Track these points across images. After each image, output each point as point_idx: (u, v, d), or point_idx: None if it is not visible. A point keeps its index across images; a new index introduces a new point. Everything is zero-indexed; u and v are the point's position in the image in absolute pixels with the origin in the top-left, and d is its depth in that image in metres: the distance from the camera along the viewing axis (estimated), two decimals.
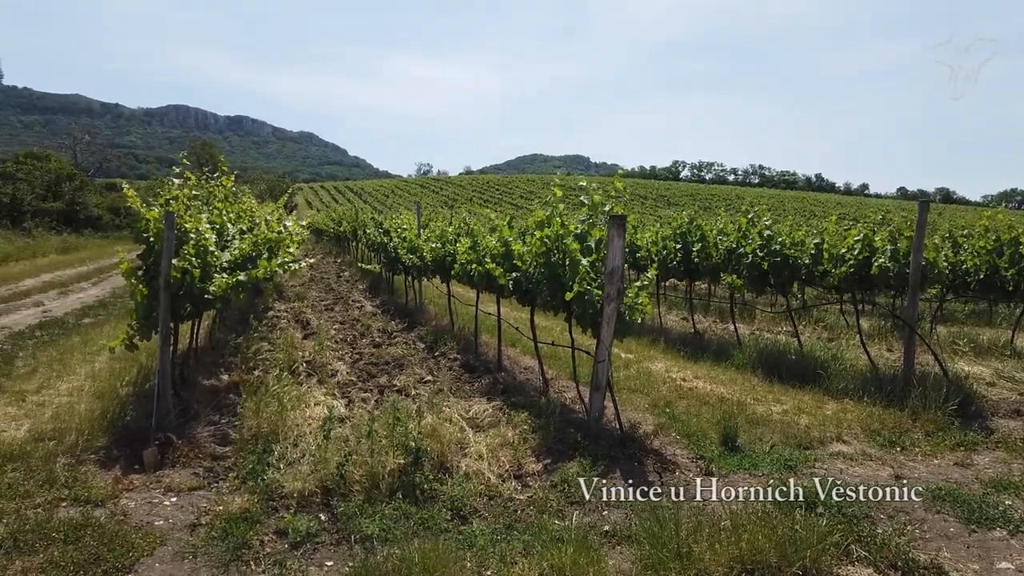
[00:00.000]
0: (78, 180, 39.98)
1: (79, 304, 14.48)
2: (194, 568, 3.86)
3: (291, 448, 5.46)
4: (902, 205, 64.42)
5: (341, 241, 29.18)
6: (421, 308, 13.12)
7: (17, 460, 5.18)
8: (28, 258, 23.41)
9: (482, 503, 4.72)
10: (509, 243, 7.45)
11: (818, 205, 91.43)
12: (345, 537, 4.21)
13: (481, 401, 7.05)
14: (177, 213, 5.98)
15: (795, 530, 4.03)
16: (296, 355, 8.79)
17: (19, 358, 8.86)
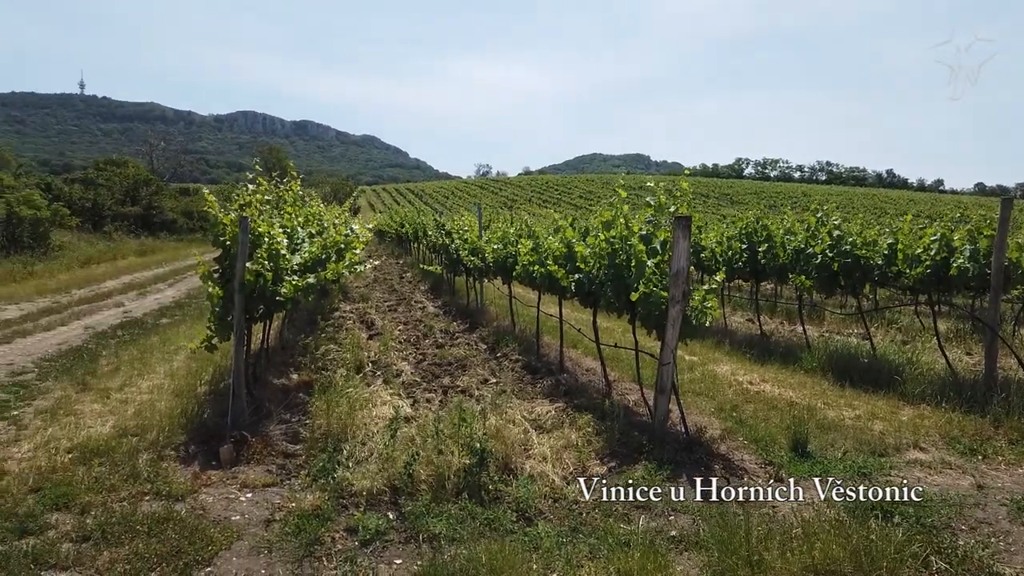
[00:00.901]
0: (154, 185, 41.70)
1: (156, 305, 15.10)
2: (269, 563, 3.98)
3: (359, 447, 5.58)
4: (980, 202, 61.62)
5: (403, 242, 29.63)
6: (482, 309, 13.21)
7: (103, 455, 5.44)
8: (109, 260, 24.54)
9: (547, 505, 4.73)
10: (572, 244, 7.44)
11: (889, 202, 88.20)
12: (413, 536, 4.28)
13: (544, 402, 7.07)
14: (251, 218, 6.18)
15: (871, 540, 3.91)
16: (362, 355, 8.97)
17: (103, 357, 9.31)
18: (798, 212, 12.36)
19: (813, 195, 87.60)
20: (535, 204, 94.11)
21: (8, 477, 5.01)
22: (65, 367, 8.72)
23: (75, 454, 5.46)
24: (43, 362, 9.06)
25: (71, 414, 6.52)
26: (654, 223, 6.33)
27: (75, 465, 5.25)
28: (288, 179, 8.44)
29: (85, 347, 10.07)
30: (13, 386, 7.81)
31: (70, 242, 25.82)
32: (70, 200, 31.27)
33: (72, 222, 27.92)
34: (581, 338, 9.73)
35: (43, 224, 23.19)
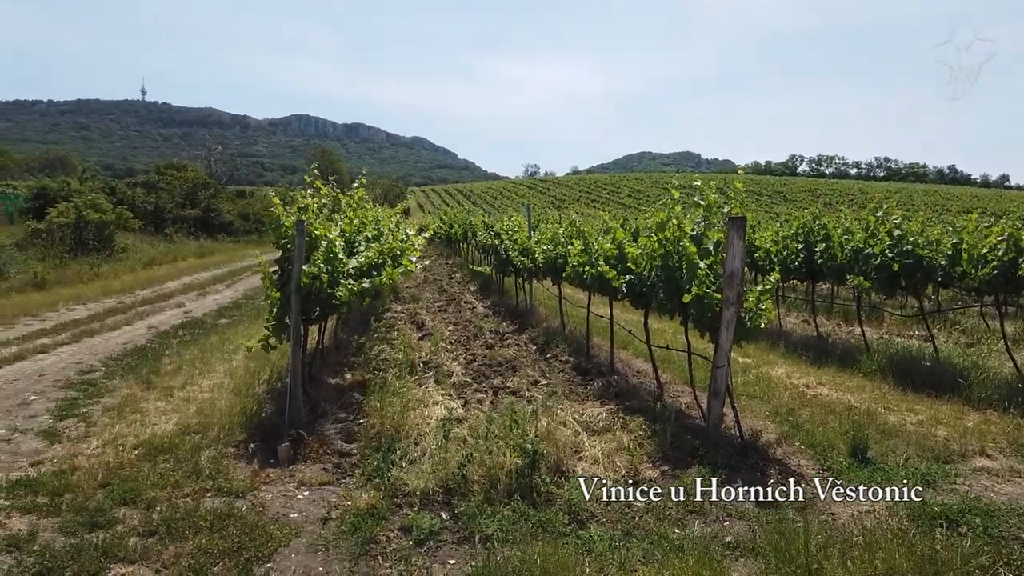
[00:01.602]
0: (212, 188, 42.87)
1: (215, 305, 15.54)
2: (327, 560, 4.07)
3: (412, 447, 5.65)
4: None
5: (452, 243, 29.84)
6: (531, 309, 13.23)
7: (167, 452, 5.63)
8: (170, 262, 25.34)
9: (599, 508, 4.71)
10: (623, 245, 7.39)
11: (951, 199, 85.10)
12: (466, 536, 4.32)
13: (594, 404, 7.04)
14: (308, 221, 6.31)
15: (936, 550, 3.80)
16: (413, 356, 9.06)
17: (166, 356, 9.62)
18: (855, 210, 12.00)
19: (871, 192, 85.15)
20: (583, 204, 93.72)
21: (79, 472, 5.23)
22: (130, 366, 9.05)
23: (141, 450, 5.66)
24: (110, 361, 9.42)
25: (137, 412, 6.76)
26: (706, 223, 6.25)
27: (141, 461, 5.44)
28: (356, 184, 8.61)
29: (149, 346, 10.42)
30: (82, 384, 8.13)
31: (133, 244, 26.74)
32: (133, 203, 32.38)
33: (135, 225, 28.90)
34: (631, 339, 9.67)
35: (108, 227, 24.06)
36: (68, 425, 6.56)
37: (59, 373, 8.64)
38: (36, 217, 26.14)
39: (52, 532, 4.34)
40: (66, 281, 18.05)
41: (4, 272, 17.35)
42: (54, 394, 7.69)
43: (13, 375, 8.49)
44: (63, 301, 14.85)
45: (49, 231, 22.27)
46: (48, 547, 4.12)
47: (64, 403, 7.31)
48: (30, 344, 10.26)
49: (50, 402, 7.37)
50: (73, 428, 6.46)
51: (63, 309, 13.98)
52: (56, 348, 10.12)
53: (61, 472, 5.25)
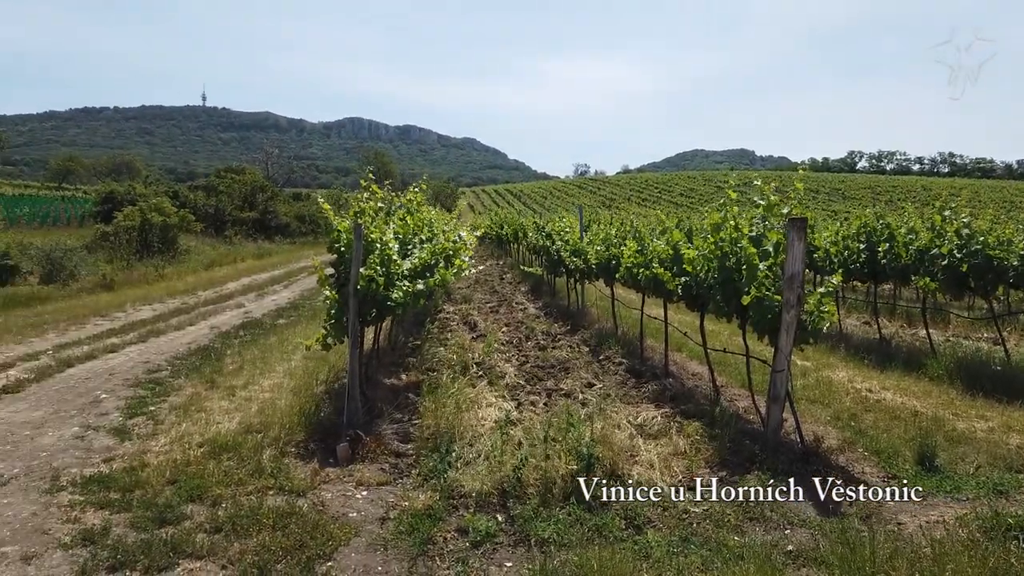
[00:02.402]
0: (270, 191, 43.98)
1: (274, 306, 15.92)
2: (386, 560, 4.12)
3: (467, 448, 5.69)
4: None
5: (502, 244, 29.94)
6: (583, 311, 13.17)
7: (231, 450, 5.79)
8: (230, 263, 26.07)
9: (656, 513, 4.66)
10: (678, 247, 7.30)
11: (1020, 195, 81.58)
12: (522, 539, 4.33)
13: (649, 408, 6.98)
14: (364, 225, 6.41)
15: (1010, 563, 3.65)
16: (467, 357, 9.12)
17: (228, 356, 9.90)
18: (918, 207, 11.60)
19: (935, 189, 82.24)
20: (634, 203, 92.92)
21: (148, 469, 5.42)
22: (194, 365, 9.34)
23: (206, 448, 5.84)
24: (175, 360, 9.74)
25: (201, 410, 6.97)
26: (765, 224, 6.12)
27: (206, 459, 5.61)
28: (412, 187, 8.73)
29: (211, 346, 10.74)
30: (150, 383, 8.43)
31: (195, 246, 27.59)
32: (195, 206, 33.43)
33: (197, 227, 29.84)
34: (686, 341, 9.54)
35: (172, 230, 24.91)
36: (137, 423, 6.81)
37: (128, 372, 8.97)
38: (104, 220, 27.24)
39: (124, 527, 4.51)
40: (132, 282, 18.74)
41: (75, 274, 18.10)
42: (123, 392, 7.99)
43: (85, 373, 8.85)
44: (130, 302, 15.42)
45: (116, 234, 23.15)
46: (120, 541, 4.28)
47: (133, 401, 7.59)
48: (100, 343, 10.68)
49: (120, 400, 7.66)
50: (142, 426, 6.70)
51: (130, 309, 14.52)
52: (125, 348, 10.52)
53: (131, 469, 5.45)
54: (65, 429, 6.62)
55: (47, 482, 5.30)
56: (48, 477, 5.40)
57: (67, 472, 5.49)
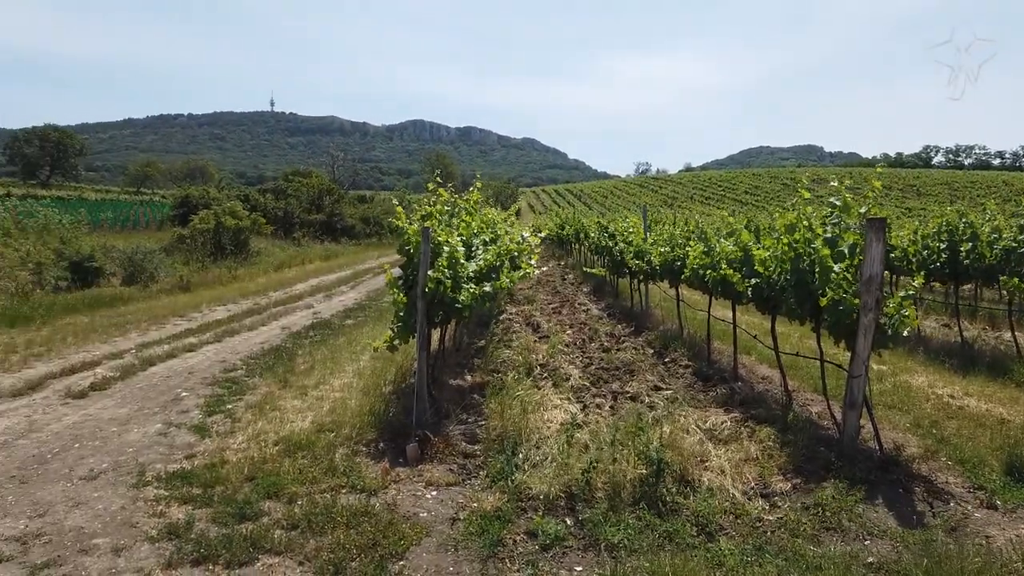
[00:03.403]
0: (336, 194, 45.05)
1: (341, 307, 16.28)
2: (456, 561, 4.17)
3: (534, 450, 5.69)
4: None
5: (563, 244, 29.86)
6: (647, 312, 13.03)
7: (305, 449, 5.95)
8: (298, 264, 26.79)
9: (728, 521, 4.58)
10: (748, 248, 7.15)
11: None
12: (592, 544, 4.31)
13: (718, 412, 6.86)
14: (432, 228, 6.50)
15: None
16: (531, 358, 9.14)
17: (299, 356, 10.18)
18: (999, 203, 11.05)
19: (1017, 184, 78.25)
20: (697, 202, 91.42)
21: (227, 466, 5.62)
22: (268, 365, 9.63)
23: (281, 447, 6.01)
24: (249, 360, 10.06)
25: (275, 409, 7.18)
26: (841, 225, 5.94)
27: (281, 457, 5.78)
28: (471, 188, 8.79)
29: (283, 346, 11.05)
30: (226, 382, 8.74)
31: (265, 248, 28.45)
32: (265, 209, 34.47)
33: (267, 230, 30.77)
34: (754, 344, 9.34)
35: (244, 232, 25.75)
36: (216, 421, 7.06)
37: (206, 371, 9.32)
38: (180, 224, 28.34)
39: (206, 522, 4.69)
40: (207, 283, 19.44)
41: (155, 275, 18.89)
42: (202, 391, 8.30)
43: (166, 372, 9.23)
44: (206, 302, 16.00)
45: (192, 237, 24.08)
46: (203, 536, 4.45)
47: (211, 400, 7.88)
48: (179, 343, 11.12)
49: (199, 398, 7.96)
50: (220, 424, 6.95)
51: (206, 310, 15.06)
52: (202, 347, 10.92)
53: (211, 465, 5.66)
54: (149, 426, 6.92)
55: (134, 477, 5.56)
56: (135, 472, 5.66)
57: (152, 467, 5.74)
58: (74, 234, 20.34)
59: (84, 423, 7.01)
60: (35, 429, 6.81)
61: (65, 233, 20.40)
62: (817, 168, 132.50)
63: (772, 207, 74.97)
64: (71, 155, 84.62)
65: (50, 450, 6.22)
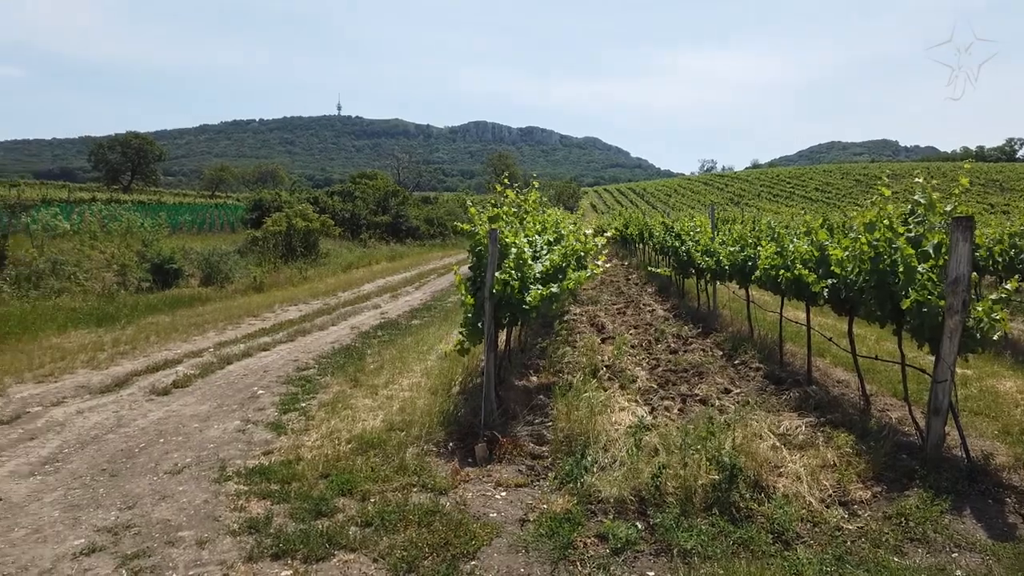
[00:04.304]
0: (401, 195, 45.79)
1: (407, 307, 16.54)
2: (527, 563, 4.18)
3: (602, 453, 5.66)
4: None
5: (627, 244, 29.59)
6: (715, 313, 12.79)
7: (376, 447, 6.07)
8: (365, 266, 27.33)
9: (805, 529, 4.46)
10: (825, 248, 6.94)
11: None
12: (664, 548, 4.26)
13: (792, 416, 6.68)
14: (499, 230, 6.53)
15: None
16: (596, 359, 9.09)
17: (368, 355, 10.39)
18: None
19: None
20: (764, 199, 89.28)
21: (302, 463, 5.78)
22: (339, 364, 9.86)
23: (353, 445, 6.15)
24: (321, 359, 10.33)
25: (347, 408, 7.34)
26: (925, 224, 5.71)
27: (354, 455, 5.91)
28: (529, 188, 8.80)
29: (353, 346, 11.31)
30: (299, 380, 8.98)
31: (334, 249, 29.14)
32: (333, 211, 35.32)
33: (335, 231, 31.50)
34: (828, 346, 9.07)
35: (314, 234, 26.44)
36: (291, 418, 7.27)
37: (280, 369, 9.60)
38: (254, 226, 29.29)
39: (284, 517, 4.83)
40: (279, 284, 20.04)
41: (230, 277, 19.58)
42: (277, 389, 8.56)
43: (242, 371, 9.55)
44: (278, 303, 16.50)
45: (264, 239, 24.85)
46: (281, 531, 4.59)
47: (286, 398, 8.12)
48: (254, 342, 11.50)
49: (274, 396, 8.21)
50: (295, 421, 7.15)
51: (278, 310, 15.53)
52: (275, 346, 11.26)
53: (288, 462, 5.83)
54: (228, 422, 7.18)
55: (215, 472, 5.77)
56: (216, 467, 5.87)
57: (232, 463, 5.95)
58: (155, 237, 21.26)
59: (168, 419, 7.32)
60: (123, 424, 7.15)
61: (147, 236, 21.34)
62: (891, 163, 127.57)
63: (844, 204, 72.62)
64: (151, 161, 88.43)
65: (137, 444, 6.51)
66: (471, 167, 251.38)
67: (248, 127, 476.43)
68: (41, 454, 6.26)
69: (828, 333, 9.21)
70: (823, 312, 9.73)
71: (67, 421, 7.22)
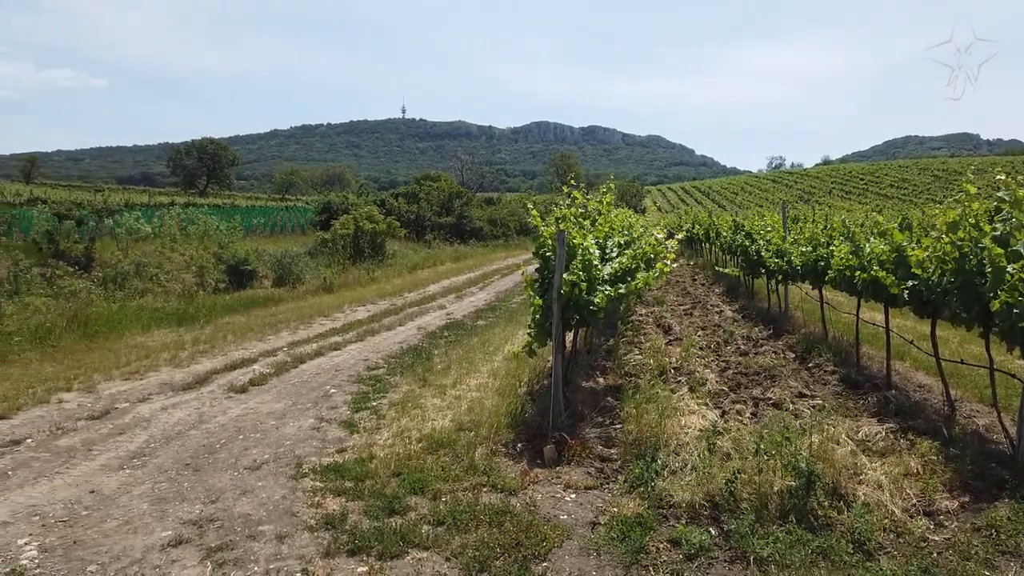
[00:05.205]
0: (464, 197, 46.22)
1: (472, 308, 16.69)
2: (599, 566, 4.17)
3: (673, 456, 5.59)
4: None
5: (692, 243, 29.14)
6: (786, 314, 12.47)
7: (446, 447, 6.15)
8: (430, 266, 27.70)
9: (888, 539, 4.32)
10: (903, 248, 6.69)
11: None
12: (739, 556, 4.19)
13: (871, 422, 6.47)
14: (567, 231, 6.53)
15: None
16: (664, 361, 9.00)
17: (435, 355, 10.54)
18: None
19: None
20: (836, 197, 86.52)
21: (375, 461, 5.90)
22: (407, 364, 10.03)
23: (423, 444, 6.25)
24: (390, 358, 10.52)
25: (417, 407, 7.47)
26: (1010, 221, 5.43)
27: (424, 454, 6.00)
28: (596, 189, 8.77)
29: (420, 346, 11.48)
30: (370, 379, 9.18)
31: (399, 250, 29.63)
32: (398, 213, 35.91)
33: (401, 233, 32.02)
34: (908, 349, 8.74)
35: (380, 236, 26.94)
36: (362, 417, 7.44)
37: (350, 369, 9.84)
38: (322, 228, 30.05)
39: (358, 514, 4.95)
40: (348, 285, 20.49)
41: (301, 278, 20.13)
42: (349, 388, 8.76)
43: (315, 370, 9.82)
44: (347, 303, 16.88)
45: (333, 240, 25.45)
46: (357, 527, 4.70)
47: (357, 396, 8.31)
48: (325, 342, 11.80)
49: (346, 395, 8.41)
50: (367, 420, 7.31)
51: (347, 310, 15.89)
52: (346, 346, 11.54)
53: (361, 460, 5.97)
54: (303, 420, 7.39)
55: (292, 468, 5.95)
56: (292, 464, 6.06)
57: (308, 460, 6.12)
58: (230, 239, 22.05)
59: (246, 416, 7.58)
60: (204, 421, 7.44)
61: (222, 238, 22.15)
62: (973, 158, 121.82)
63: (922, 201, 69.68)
64: (225, 165, 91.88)
65: (218, 440, 6.78)
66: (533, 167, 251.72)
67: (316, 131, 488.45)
68: (129, 448, 6.57)
69: (907, 335, 8.87)
70: (901, 314, 9.36)
71: (152, 417, 7.56)
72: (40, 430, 7.07)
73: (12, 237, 19.65)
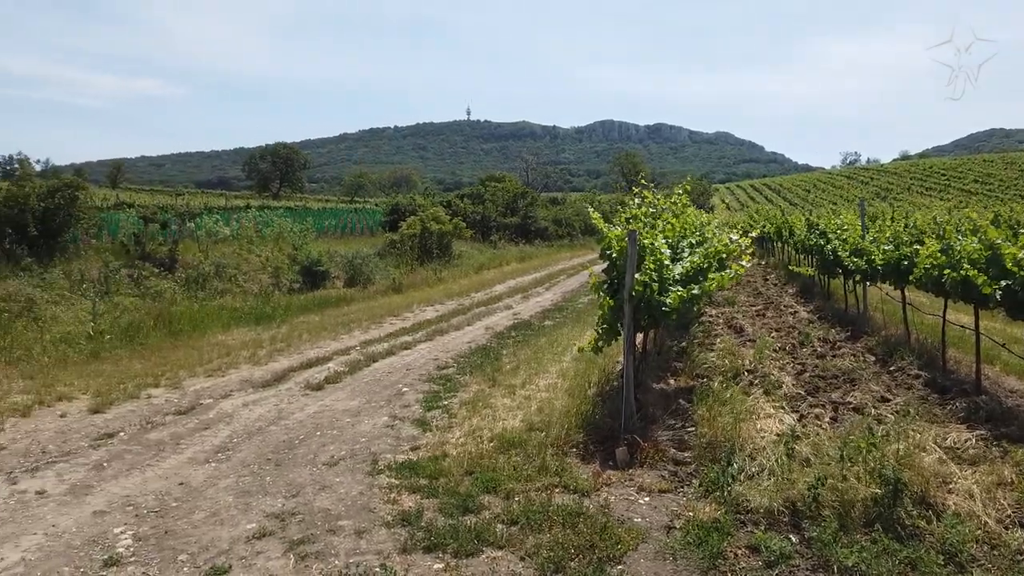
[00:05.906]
0: (529, 197, 46.32)
1: (538, 308, 16.72)
2: (676, 570, 4.13)
3: (748, 461, 5.48)
4: None
5: (763, 242, 28.41)
6: (865, 316, 12.03)
7: (517, 446, 6.19)
8: (496, 267, 27.87)
9: (982, 551, 4.13)
10: (997, 246, 6.38)
11: None
12: (822, 564, 4.07)
13: (959, 428, 6.19)
14: (637, 231, 6.47)
15: None
16: (737, 363, 8.81)
17: (504, 355, 10.60)
18: None
19: None
20: (914, 193, 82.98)
21: (448, 460, 5.99)
22: (476, 363, 10.13)
23: (495, 443, 6.30)
24: (459, 358, 10.65)
25: (487, 407, 7.53)
26: None
27: (496, 453, 6.05)
28: (680, 191, 8.67)
29: (488, 346, 11.58)
30: (440, 379, 9.31)
31: (466, 251, 29.93)
32: (464, 214, 36.24)
33: (467, 234, 32.32)
34: (998, 352, 8.33)
35: (447, 237, 27.27)
36: (434, 415, 7.55)
37: (421, 368, 10.00)
38: (391, 229, 30.60)
39: (433, 512, 5.03)
40: (416, 285, 20.81)
41: (371, 278, 20.56)
42: (420, 387, 8.91)
43: (387, 368, 10.01)
44: (416, 303, 17.14)
45: (401, 241, 25.90)
46: (432, 525, 4.78)
47: (429, 395, 8.44)
48: (396, 341, 12.02)
49: (418, 394, 8.56)
50: (439, 418, 7.42)
51: (416, 310, 16.14)
52: (416, 345, 11.73)
53: (434, 458, 6.06)
54: (377, 418, 7.55)
55: (368, 465, 6.09)
56: (368, 460, 6.20)
57: (383, 457, 6.26)
58: (303, 241, 22.67)
59: (322, 413, 7.80)
60: (283, 417, 7.69)
61: (296, 240, 22.80)
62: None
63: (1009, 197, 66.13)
64: (297, 169, 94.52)
65: (296, 436, 6.99)
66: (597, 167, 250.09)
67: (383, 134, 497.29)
68: (214, 443, 6.84)
69: (997, 338, 8.45)
70: (990, 316, 8.94)
71: (235, 413, 7.85)
72: (131, 424, 7.44)
73: (102, 240, 20.69)
